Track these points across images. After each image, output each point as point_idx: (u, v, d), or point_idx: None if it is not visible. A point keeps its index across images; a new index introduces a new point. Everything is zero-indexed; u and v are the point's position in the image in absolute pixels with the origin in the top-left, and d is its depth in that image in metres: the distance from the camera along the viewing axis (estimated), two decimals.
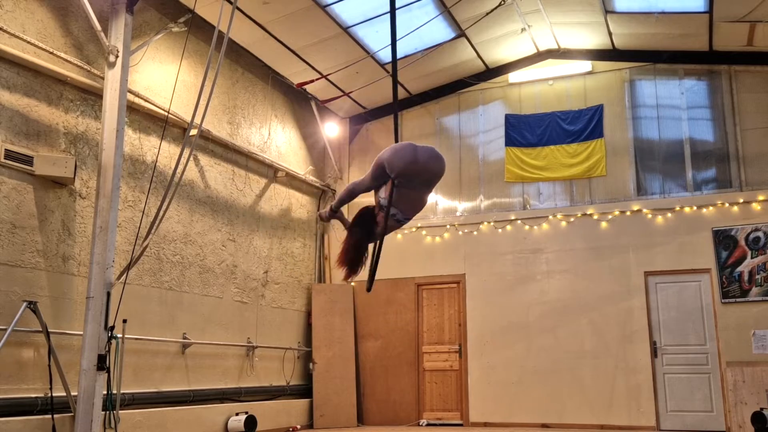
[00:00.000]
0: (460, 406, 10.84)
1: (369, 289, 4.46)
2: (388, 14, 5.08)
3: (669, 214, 10.23)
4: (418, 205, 4.24)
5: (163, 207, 6.82)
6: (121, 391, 7.10)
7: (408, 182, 4.08)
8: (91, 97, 7.43)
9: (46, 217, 6.84)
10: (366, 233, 4.28)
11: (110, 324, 6.62)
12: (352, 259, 4.24)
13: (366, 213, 4.33)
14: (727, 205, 9.92)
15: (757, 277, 9.59)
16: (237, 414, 8.92)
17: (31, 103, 6.77)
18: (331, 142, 12.01)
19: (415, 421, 10.93)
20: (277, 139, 10.85)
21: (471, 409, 10.72)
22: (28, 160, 6.61)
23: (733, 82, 10.28)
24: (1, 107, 6.47)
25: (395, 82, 4.93)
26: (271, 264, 10.50)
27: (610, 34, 10.42)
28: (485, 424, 10.56)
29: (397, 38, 4.94)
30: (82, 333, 6.62)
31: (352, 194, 4.45)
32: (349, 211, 5.15)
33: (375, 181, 4.23)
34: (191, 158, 8.75)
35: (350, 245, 4.27)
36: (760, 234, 9.68)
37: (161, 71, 8.47)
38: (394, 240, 10.96)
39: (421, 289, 11.48)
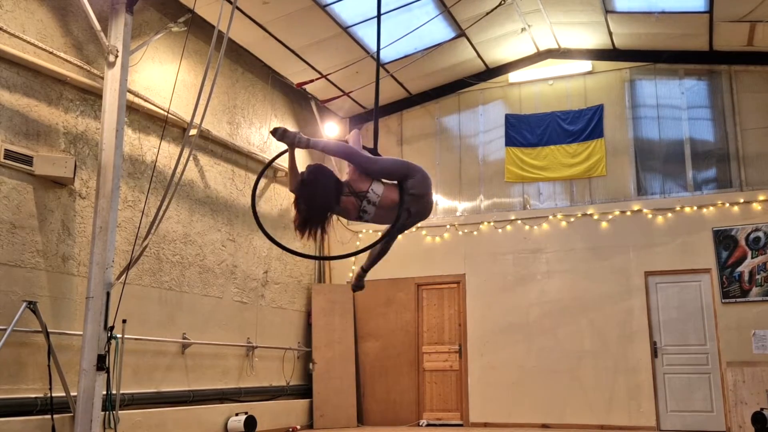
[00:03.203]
0: (460, 407, 10.83)
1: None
2: (388, 13, 5.09)
3: (669, 214, 10.23)
4: (384, 222, 4.11)
5: (163, 207, 6.81)
6: (121, 391, 7.09)
7: (412, 205, 4.00)
8: (90, 96, 7.42)
9: (46, 217, 6.83)
10: (324, 200, 3.90)
11: (110, 324, 6.61)
12: (307, 224, 3.91)
13: (325, 177, 3.94)
14: (727, 205, 9.92)
15: (757, 277, 9.58)
16: (237, 414, 8.91)
17: (30, 103, 6.77)
18: None
19: (415, 422, 10.92)
20: None
21: (471, 409, 10.72)
22: (27, 160, 6.60)
23: (734, 82, 10.28)
24: (0, 107, 6.46)
25: (378, 86, 4.91)
26: (270, 264, 10.49)
27: (610, 33, 10.42)
28: (485, 425, 10.55)
29: (397, 38, 4.95)
30: (81, 333, 6.61)
31: (344, 157, 4.14)
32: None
33: (382, 175, 4.02)
34: (191, 158, 8.74)
35: (311, 210, 3.89)
36: (760, 234, 9.67)
37: (161, 71, 8.47)
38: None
39: (421, 289, 11.47)
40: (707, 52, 10.30)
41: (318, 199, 3.91)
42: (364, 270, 4.42)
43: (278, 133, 4.05)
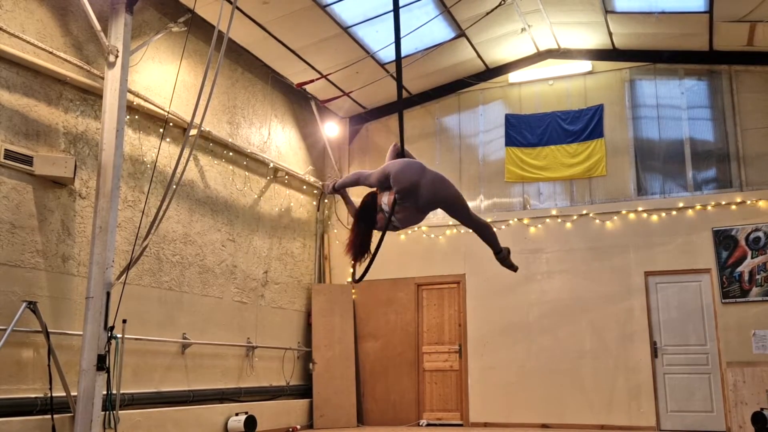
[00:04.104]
0: (460, 407, 10.83)
1: (358, 281, 4.69)
2: (388, 14, 5.10)
3: (669, 214, 10.23)
4: (414, 220, 4.40)
5: (163, 207, 6.81)
6: (121, 392, 7.09)
7: (406, 200, 4.23)
8: (90, 97, 7.42)
9: (46, 217, 6.83)
10: (369, 223, 4.43)
11: (110, 324, 6.61)
12: (358, 247, 4.40)
13: (369, 203, 4.46)
14: (727, 205, 9.92)
15: (757, 277, 9.58)
16: (237, 414, 8.91)
17: (30, 102, 6.77)
18: (331, 142, 12.01)
19: (415, 422, 10.92)
20: (276, 139, 10.85)
21: (471, 409, 10.71)
22: (27, 160, 6.60)
23: (734, 82, 10.27)
24: (0, 107, 6.46)
25: (400, 85, 5.02)
26: (270, 264, 10.49)
27: (610, 33, 10.42)
28: (485, 425, 10.55)
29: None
30: (81, 333, 6.61)
31: (356, 183, 4.70)
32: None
33: (378, 185, 4.39)
34: (191, 158, 8.74)
35: (357, 234, 4.42)
36: (760, 234, 9.67)
37: (161, 71, 8.47)
38: (394, 240, 10.92)
39: (421, 289, 11.47)
40: (707, 52, 10.30)
41: (359, 229, 4.44)
42: (497, 252, 4.57)
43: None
